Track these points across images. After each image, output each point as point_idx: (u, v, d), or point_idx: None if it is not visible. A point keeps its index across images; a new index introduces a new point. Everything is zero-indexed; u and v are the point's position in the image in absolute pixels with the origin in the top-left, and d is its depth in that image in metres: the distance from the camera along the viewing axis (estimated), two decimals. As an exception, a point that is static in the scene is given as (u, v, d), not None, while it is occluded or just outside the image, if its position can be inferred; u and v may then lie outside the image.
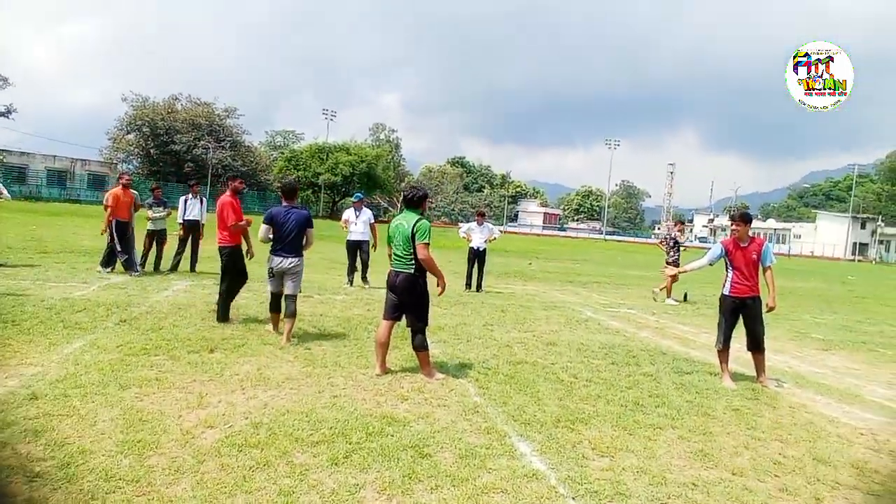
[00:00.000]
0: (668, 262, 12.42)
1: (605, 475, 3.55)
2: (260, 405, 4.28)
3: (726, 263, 6.04)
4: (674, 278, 6.50)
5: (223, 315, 6.99)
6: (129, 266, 10.17)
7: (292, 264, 6.34)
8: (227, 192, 7.22)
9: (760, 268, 5.95)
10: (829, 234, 74.69)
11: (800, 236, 78.19)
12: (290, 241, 6.32)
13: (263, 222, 6.39)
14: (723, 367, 6.01)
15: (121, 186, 10.24)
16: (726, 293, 6.00)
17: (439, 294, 5.46)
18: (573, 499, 3.22)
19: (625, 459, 3.81)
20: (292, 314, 6.31)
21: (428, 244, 5.16)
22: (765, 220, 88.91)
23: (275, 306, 6.63)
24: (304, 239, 6.43)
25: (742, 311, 5.95)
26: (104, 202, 10.25)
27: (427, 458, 3.58)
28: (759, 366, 6.00)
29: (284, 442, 3.66)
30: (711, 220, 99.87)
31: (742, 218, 5.96)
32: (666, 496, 3.35)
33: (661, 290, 12.59)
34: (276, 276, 6.42)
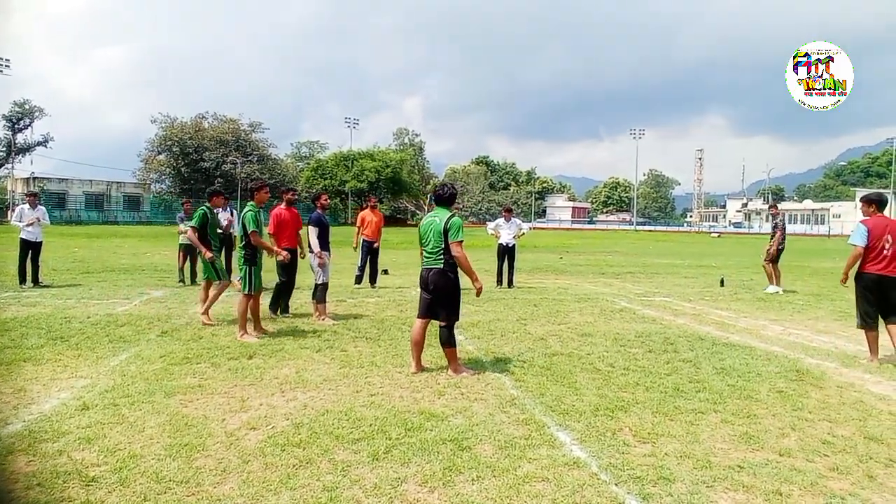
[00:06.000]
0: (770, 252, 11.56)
1: (648, 461, 3.51)
2: (300, 406, 4.35)
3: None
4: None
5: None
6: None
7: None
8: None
9: None
10: (871, 211, 72.07)
11: (839, 216, 75.77)
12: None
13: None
14: (870, 348, 6.05)
15: None
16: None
17: (477, 295, 5.40)
18: (616, 485, 3.20)
19: (667, 445, 3.76)
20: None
21: (461, 242, 5.16)
22: (801, 202, 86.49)
23: None
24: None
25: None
26: None
27: (467, 450, 3.60)
28: None
29: (325, 440, 3.71)
30: (745, 205, 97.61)
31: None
32: (711, 479, 3.30)
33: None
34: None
